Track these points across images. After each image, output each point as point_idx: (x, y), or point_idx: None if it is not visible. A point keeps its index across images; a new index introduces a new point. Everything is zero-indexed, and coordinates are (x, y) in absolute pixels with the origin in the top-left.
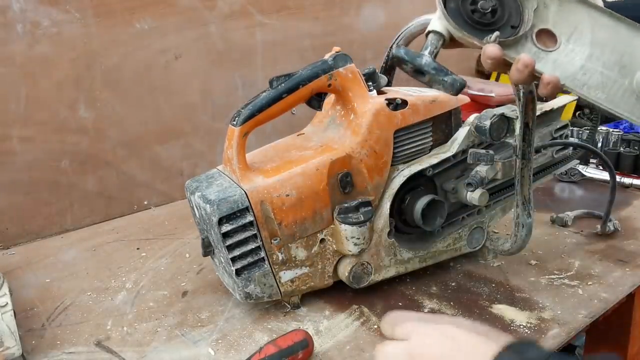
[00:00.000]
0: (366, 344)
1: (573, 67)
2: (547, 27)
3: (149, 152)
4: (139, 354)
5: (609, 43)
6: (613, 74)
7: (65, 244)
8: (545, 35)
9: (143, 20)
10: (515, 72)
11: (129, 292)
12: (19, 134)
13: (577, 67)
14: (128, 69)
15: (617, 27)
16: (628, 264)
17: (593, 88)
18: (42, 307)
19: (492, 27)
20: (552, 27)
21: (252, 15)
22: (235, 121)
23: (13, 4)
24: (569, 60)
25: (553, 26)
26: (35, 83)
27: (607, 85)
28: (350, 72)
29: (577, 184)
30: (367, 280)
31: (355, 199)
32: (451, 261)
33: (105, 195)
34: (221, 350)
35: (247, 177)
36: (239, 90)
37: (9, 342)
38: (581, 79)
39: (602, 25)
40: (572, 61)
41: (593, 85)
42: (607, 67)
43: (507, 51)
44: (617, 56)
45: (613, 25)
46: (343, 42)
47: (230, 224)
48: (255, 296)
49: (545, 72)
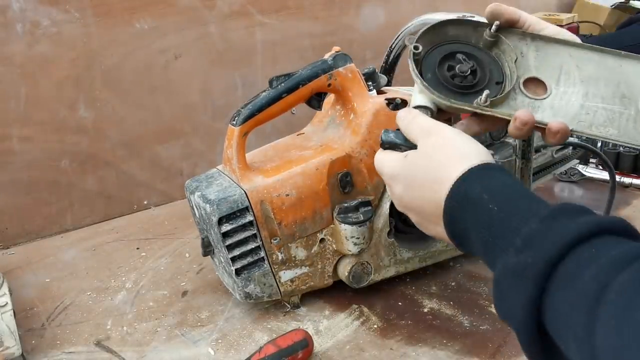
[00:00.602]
0: (366, 343)
1: (573, 108)
2: (532, 75)
3: (148, 151)
4: (138, 353)
5: (600, 77)
6: (616, 107)
7: (65, 244)
8: (533, 84)
9: (143, 20)
10: (515, 130)
11: (128, 292)
12: (18, 133)
13: (577, 108)
14: (128, 68)
15: (602, 59)
16: None
17: (602, 126)
18: (42, 307)
19: (476, 89)
20: (536, 74)
21: (252, 15)
22: (235, 121)
23: (13, 4)
24: (566, 103)
25: (537, 73)
26: (34, 83)
27: (615, 120)
28: (350, 71)
29: (577, 183)
30: (367, 280)
31: (355, 198)
32: (451, 261)
33: (105, 195)
34: (221, 350)
35: (247, 176)
36: (239, 90)
37: (9, 342)
38: (586, 119)
39: (587, 61)
40: (569, 103)
41: (601, 123)
42: (607, 101)
43: (500, 109)
44: (614, 87)
45: (597, 58)
46: (343, 41)
47: (230, 224)
48: (255, 296)
49: (546, 120)
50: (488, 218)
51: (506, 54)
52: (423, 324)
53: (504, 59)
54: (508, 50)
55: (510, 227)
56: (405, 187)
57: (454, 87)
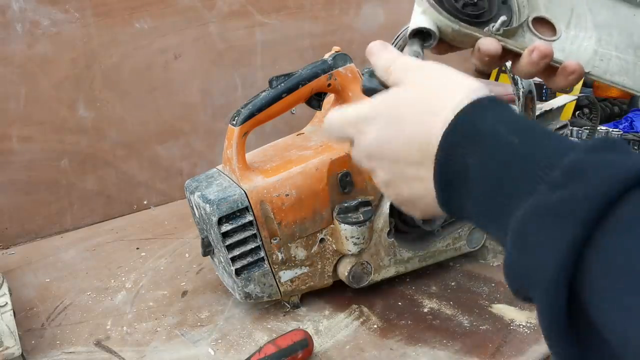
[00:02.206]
0: (366, 343)
1: (586, 53)
2: (541, 14)
3: (148, 151)
4: (138, 353)
5: (613, 24)
6: (630, 57)
7: (65, 244)
8: (540, 25)
9: (143, 20)
10: (528, 65)
11: (128, 292)
12: (18, 133)
13: (590, 53)
14: (128, 68)
15: (616, 6)
16: None
17: (616, 74)
18: (41, 307)
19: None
20: (545, 14)
21: (252, 15)
22: (234, 121)
23: (12, 4)
24: (578, 47)
25: (547, 13)
26: (34, 83)
27: (629, 71)
28: (350, 71)
29: None
30: (367, 280)
31: (355, 198)
32: (451, 261)
33: (105, 195)
34: (221, 350)
35: (246, 176)
36: (239, 90)
37: (9, 342)
38: (600, 65)
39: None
40: (581, 47)
41: (615, 72)
42: (621, 50)
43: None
44: (627, 37)
45: (611, 4)
46: (343, 41)
47: (230, 224)
48: (254, 296)
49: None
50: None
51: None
52: (423, 324)
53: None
54: None
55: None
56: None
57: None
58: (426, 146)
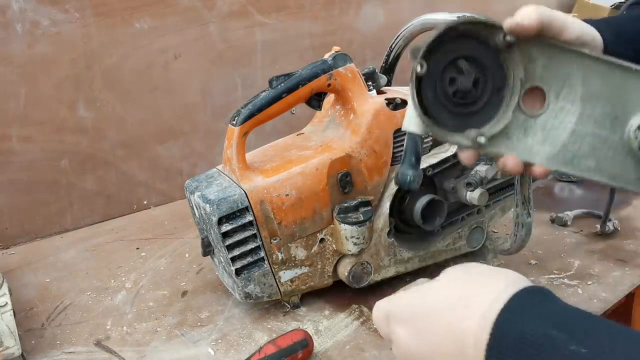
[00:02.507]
0: (366, 343)
1: (564, 134)
2: (535, 84)
3: (148, 151)
4: (138, 353)
5: (602, 94)
6: (604, 132)
7: (65, 244)
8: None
9: (143, 20)
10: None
11: (128, 292)
12: (18, 133)
13: (567, 135)
14: (128, 68)
15: (610, 73)
16: (627, 263)
17: (583, 157)
18: (41, 307)
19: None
20: (540, 83)
21: (252, 15)
22: (234, 121)
23: (12, 4)
24: (559, 124)
25: (541, 82)
26: (34, 83)
27: (598, 148)
28: (350, 71)
29: (577, 183)
30: (367, 280)
31: (355, 198)
32: (451, 261)
33: (105, 195)
34: (221, 350)
35: (246, 176)
36: (239, 90)
37: (9, 342)
38: (572, 149)
39: (595, 74)
40: (562, 125)
41: (583, 155)
42: (599, 124)
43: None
44: (610, 108)
45: (607, 72)
46: (343, 41)
47: (230, 224)
48: (254, 296)
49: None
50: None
51: (515, 65)
52: None
53: (512, 68)
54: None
55: None
56: (412, 325)
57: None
58: (461, 344)
